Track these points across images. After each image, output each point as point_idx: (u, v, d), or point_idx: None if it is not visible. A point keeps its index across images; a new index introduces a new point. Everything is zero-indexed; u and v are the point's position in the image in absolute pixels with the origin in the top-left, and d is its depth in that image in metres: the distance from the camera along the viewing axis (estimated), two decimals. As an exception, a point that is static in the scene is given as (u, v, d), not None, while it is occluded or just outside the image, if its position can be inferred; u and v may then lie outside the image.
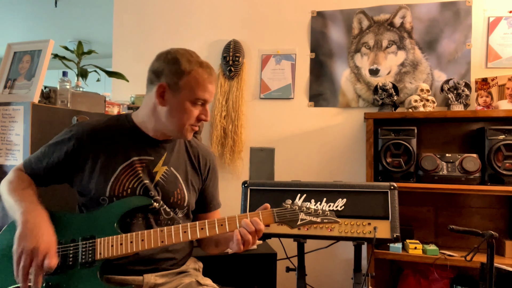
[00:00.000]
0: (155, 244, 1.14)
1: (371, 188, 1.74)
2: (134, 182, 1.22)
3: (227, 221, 1.16)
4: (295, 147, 2.62)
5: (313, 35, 2.62)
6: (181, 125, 1.23)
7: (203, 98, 1.22)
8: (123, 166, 1.23)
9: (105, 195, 1.20)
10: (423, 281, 2.17)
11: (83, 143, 1.23)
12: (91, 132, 1.25)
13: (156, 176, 1.26)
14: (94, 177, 1.22)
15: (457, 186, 2.05)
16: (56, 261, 1.07)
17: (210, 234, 1.15)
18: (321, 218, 1.19)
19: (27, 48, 2.00)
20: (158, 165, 1.27)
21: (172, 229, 1.15)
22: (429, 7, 2.42)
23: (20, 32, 4.93)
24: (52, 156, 1.24)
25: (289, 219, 1.17)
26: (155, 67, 1.23)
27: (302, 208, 1.19)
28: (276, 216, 1.17)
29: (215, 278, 1.40)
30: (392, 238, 1.67)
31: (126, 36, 3.02)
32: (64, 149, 1.23)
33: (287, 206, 1.19)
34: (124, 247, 1.13)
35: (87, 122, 1.29)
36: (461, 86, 2.22)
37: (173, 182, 1.28)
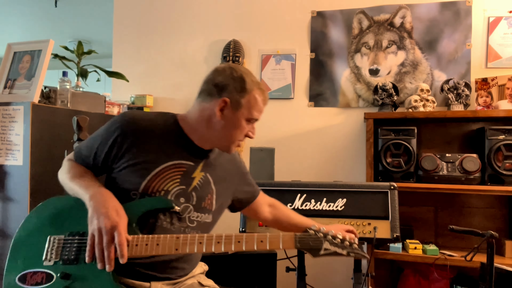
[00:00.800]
0: (169, 251, 1.12)
1: (371, 188, 1.74)
2: (170, 185, 1.21)
3: (244, 240, 1.14)
4: (295, 147, 2.62)
5: (313, 35, 2.62)
6: (232, 140, 1.26)
7: (257, 117, 1.28)
8: (163, 166, 1.21)
9: (138, 190, 1.18)
10: (423, 281, 2.17)
11: (127, 135, 1.21)
12: (137, 125, 1.23)
13: (194, 181, 1.25)
14: (132, 170, 1.20)
15: (457, 186, 2.05)
16: (125, 237, 1.07)
17: (225, 249, 1.13)
18: (348, 251, 1.11)
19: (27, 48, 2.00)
20: (196, 171, 1.27)
21: (188, 238, 1.13)
22: (429, 7, 2.42)
23: (20, 32, 4.93)
24: (99, 147, 1.23)
25: (311, 246, 1.11)
26: (218, 80, 1.24)
27: (328, 237, 1.12)
28: (297, 242, 1.12)
29: (215, 278, 1.40)
30: (392, 238, 1.67)
31: (126, 36, 3.03)
32: (110, 139, 1.22)
33: (311, 232, 1.13)
34: (139, 249, 1.11)
35: (133, 115, 1.26)
36: (461, 86, 2.22)
37: (207, 187, 1.28)
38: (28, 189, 1.82)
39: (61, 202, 1.23)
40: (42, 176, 1.87)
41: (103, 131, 1.24)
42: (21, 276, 1.13)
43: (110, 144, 1.21)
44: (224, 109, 1.22)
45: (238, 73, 1.24)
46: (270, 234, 1.12)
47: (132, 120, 1.23)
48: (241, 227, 1.75)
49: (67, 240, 1.16)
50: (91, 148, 1.25)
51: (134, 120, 1.23)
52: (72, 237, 1.16)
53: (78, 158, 1.28)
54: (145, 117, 1.27)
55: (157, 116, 1.29)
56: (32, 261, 1.15)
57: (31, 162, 1.83)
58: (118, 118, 1.24)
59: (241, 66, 1.30)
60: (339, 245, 1.11)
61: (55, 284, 1.11)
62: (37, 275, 1.12)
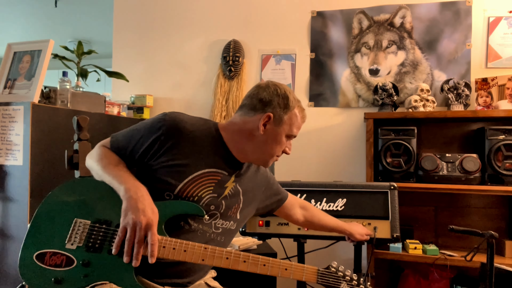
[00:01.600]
0: (195, 260, 1.12)
1: (371, 188, 1.74)
2: (203, 191, 1.22)
3: (270, 265, 1.18)
4: (295, 147, 2.61)
5: (313, 35, 2.62)
6: (270, 155, 1.29)
7: (296, 134, 1.32)
8: (200, 172, 1.22)
9: (173, 192, 1.18)
10: (423, 281, 2.17)
11: (171, 136, 1.21)
12: (181, 127, 1.22)
13: (226, 191, 1.27)
14: (170, 171, 1.20)
15: (457, 186, 2.05)
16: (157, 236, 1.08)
17: (249, 269, 1.16)
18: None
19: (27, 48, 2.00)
20: (229, 181, 1.28)
21: (215, 251, 1.13)
22: (429, 7, 2.42)
23: (20, 32, 4.93)
24: (139, 140, 1.22)
25: (331, 284, 1.19)
26: (262, 96, 1.27)
27: (346, 278, 1.19)
28: (318, 277, 1.19)
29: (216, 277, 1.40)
30: (392, 238, 1.67)
31: (126, 36, 3.03)
32: (153, 136, 1.21)
33: (333, 270, 1.20)
34: (166, 252, 1.11)
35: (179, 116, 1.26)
36: (461, 86, 2.22)
37: (236, 197, 1.30)
38: (28, 189, 1.82)
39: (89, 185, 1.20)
40: (42, 176, 1.87)
41: (147, 126, 1.23)
42: (40, 254, 1.10)
43: (152, 140, 1.20)
44: (267, 124, 1.25)
45: (282, 90, 1.29)
46: (294, 264, 1.19)
47: (177, 121, 1.23)
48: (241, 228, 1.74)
49: (93, 226, 1.13)
50: (131, 140, 1.24)
51: (179, 122, 1.23)
52: (100, 225, 1.13)
53: (113, 147, 1.26)
54: (189, 120, 1.26)
55: (199, 122, 1.29)
56: (54, 241, 1.11)
57: (31, 162, 1.83)
58: (164, 117, 1.23)
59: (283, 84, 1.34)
60: (355, 286, 1.19)
61: (75, 269, 1.09)
62: (57, 256, 1.10)
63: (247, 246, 1.99)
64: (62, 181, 1.28)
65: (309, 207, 1.61)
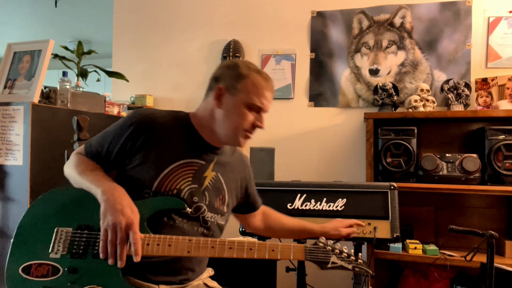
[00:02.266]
0: (180, 253, 1.11)
1: (371, 188, 1.74)
2: (182, 183, 1.21)
3: (257, 247, 1.14)
4: (295, 147, 2.62)
5: (313, 35, 2.62)
6: (235, 129, 1.24)
7: (259, 103, 1.24)
8: (175, 165, 1.21)
9: (150, 189, 1.18)
10: (423, 281, 2.17)
11: (141, 132, 1.21)
12: (151, 122, 1.23)
13: (205, 181, 1.25)
14: (144, 168, 1.20)
15: (457, 186, 2.05)
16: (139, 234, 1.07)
17: (237, 255, 1.13)
18: (353, 266, 1.15)
19: (27, 48, 2.00)
20: (208, 170, 1.26)
21: (200, 241, 1.12)
22: (429, 7, 2.42)
23: (20, 32, 4.93)
24: (112, 141, 1.22)
25: (320, 259, 1.15)
26: (215, 73, 1.29)
27: (335, 251, 1.16)
28: (307, 254, 1.15)
29: (215, 278, 1.40)
30: (392, 238, 1.67)
31: (126, 36, 3.03)
32: (124, 135, 1.21)
33: (321, 245, 1.16)
34: (150, 248, 1.11)
35: (148, 111, 1.27)
36: (461, 86, 2.22)
37: (219, 189, 1.28)
38: (28, 189, 1.82)
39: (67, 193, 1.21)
40: (42, 176, 1.87)
41: (117, 126, 1.23)
42: (25, 267, 1.11)
43: (124, 139, 1.20)
44: (221, 97, 1.24)
45: (232, 62, 1.28)
46: (281, 244, 1.15)
47: (147, 116, 1.24)
48: (241, 227, 1.75)
49: (75, 233, 1.14)
50: (103, 143, 1.24)
51: (149, 117, 1.24)
52: (81, 231, 1.14)
53: (88, 153, 1.26)
54: (159, 114, 1.27)
55: (169, 114, 1.30)
56: (37, 252, 1.12)
57: (31, 162, 1.83)
58: (134, 114, 1.24)
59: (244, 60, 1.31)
60: (345, 259, 1.15)
61: (62, 277, 1.09)
62: (42, 267, 1.10)
63: (247, 246, 1.98)
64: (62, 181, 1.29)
65: (269, 211, 1.55)
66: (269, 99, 1.27)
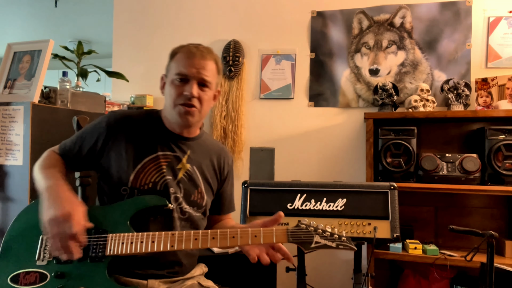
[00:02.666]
0: (164, 248, 1.13)
1: (371, 188, 1.74)
2: (156, 176, 1.23)
3: (239, 235, 1.13)
4: (295, 147, 2.62)
5: (313, 35, 2.62)
6: (171, 107, 1.25)
7: (183, 72, 1.22)
8: (148, 158, 1.24)
9: (127, 185, 1.21)
10: (423, 281, 2.17)
11: (113, 130, 1.25)
12: (123, 120, 1.28)
13: (180, 173, 1.27)
14: (118, 165, 1.23)
15: (457, 186, 2.05)
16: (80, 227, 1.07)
17: (220, 244, 1.14)
18: (337, 244, 1.13)
19: (27, 48, 2.00)
20: (182, 162, 1.28)
21: (183, 235, 1.14)
22: (429, 7, 2.42)
23: (20, 32, 4.93)
24: (85, 141, 1.27)
25: (303, 240, 1.13)
26: None
27: (318, 231, 1.14)
28: (289, 236, 1.13)
29: (215, 278, 1.40)
30: (392, 238, 1.67)
31: (126, 36, 3.03)
32: (96, 134, 1.26)
33: (303, 226, 1.14)
34: (134, 247, 1.13)
35: (120, 111, 1.33)
36: (461, 86, 2.22)
37: (195, 180, 1.29)
38: (28, 189, 1.81)
39: None
40: (42, 176, 1.86)
41: (91, 126, 1.29)
42: (14, 277, 1.13)
43: (96, 138, 1.25)
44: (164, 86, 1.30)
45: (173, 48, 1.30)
46: (263, 229, 1.13)
47: (117, 116, 1.28)
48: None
49: None
50: (76, 141, 1.28)
51: (119, 117, 1.28)
52: None
53: (61, 150, 1.31)
54: (129, 114, 1.32)
55: (141, 113, 1.34)
56: (24, 261, 1.14)
57: (31, 162, 1.83)
58: (106, 115, 1.30)
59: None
60: (329, 238, 1.13)
61: (50, 283, 1.11)
62: (30, 275, 1.12)
63: (247, 246, 1.98)
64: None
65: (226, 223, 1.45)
66: (197, 66, 1.22)
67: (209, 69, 1.24)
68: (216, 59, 1.28)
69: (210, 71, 1.24)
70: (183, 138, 1.30)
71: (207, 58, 1.24)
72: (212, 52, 1.28)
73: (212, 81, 1.25)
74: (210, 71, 1.25)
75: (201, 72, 1.23)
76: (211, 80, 1.25)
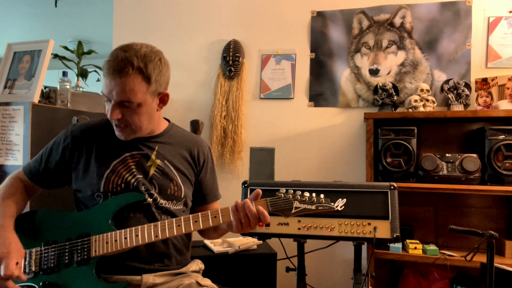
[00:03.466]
0: (149, 239, 1.14)
1: (371, 188, 1.74)
2: (127, 177, 1.24)
3: (220, 213, 1.16)
4: (295, 147, 2.62)
5: (313, 35, 2.62)
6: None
7: (104, 93, 1.17)
8: (116, 162, 1.25)
9: (99, 191, 1.23)
10: (423, 281, 2.17)
11: (77, 141, 1.27)
12: (85, 130, 1.29)
13: (150, 170, 1.27)
14: (88, 173, 1.25)
15: (457, 186, 2.05)
16: (9, 272, 1.08)
17: (203, 226, 1.15)
18: (316, 206, 1.15)
19: (27, 48, 2.00)
20: (151, 159, 1.28)
21: (166, 223, 1.15)
22: (429, 7, 2.42)
23: (20, 32, 4.92)
24: (50, 157, 1.29)
25: (283, 207, 1.15)
26: None
27: (296, 196, 1.16)
28: (269, 205, 1.15)
29: (215, 278, 1.40)
30: (392, 238, 1.67)
31: (126, 36, 3.02)
32: (61, 148, 1.28)
33: (281, 195, 1.16)
34: (119, 243, 1.14)
35: (82, 122, 1.34)
36: (461, 86, 2.22)
37: (168, 174, 1.29)
38: (28, 189, 1.81)
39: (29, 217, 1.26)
40: (42, 176, 1.86)
41: (55, 142, 1.31)
42: None
43: (61, 151, 1.27)
44: None
45: None
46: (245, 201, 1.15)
47: (79, 127, 1.30)
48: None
49: (43, 250, 1.19)
50: (41, 159, 1.30)
51: (81, 126, 1.30)
52: (48, 246, 1.19)
53: (26, 172, 1.32)
54: (92, 123, 1.33)
55: (104, 119, 1.33)
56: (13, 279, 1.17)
57: (31, 162, 1.83)
58: (68, 128, 1.31)
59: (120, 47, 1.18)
60: (307, 201, 1.15)
61: None
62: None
63: (247, 246, 1.99)
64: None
65: None
66: (113, 86, 1.13)
67: (127, 88, 1.13)
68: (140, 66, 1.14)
69: (128, 88, 1.13)
70: (148, 137, 1.30)
71: (123, 74, 1.12)
72: (131, 61, 1.13)
73: (133, 98, 1.14)
74: (129, 88, 1.13)
75: (118, 93, 1.14)
76: (131, 97, 1.14)
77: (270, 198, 1.16)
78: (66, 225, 1.21)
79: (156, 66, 1.18)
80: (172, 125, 1.41)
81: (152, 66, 1.17)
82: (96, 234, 1.16)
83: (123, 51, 1.15)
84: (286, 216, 1.15)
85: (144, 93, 1.16)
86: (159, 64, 1.19)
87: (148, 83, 1.16)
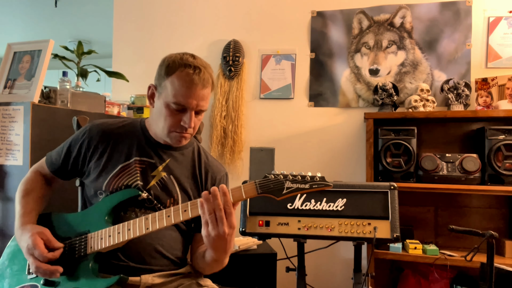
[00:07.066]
0: (140, 232, 1.13)
1: (371, 188, 1.74)
2: (129, 180, 1.24)
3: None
4: (295, 147, 2.62)
5: (313, 35, 2.62)
6: (163, 129, 1.23)
7: (182, 103, 1.17)
8: (123, 164, 1.26)
9: (101, 189, 1.25)
10: (423, 281, 2.17)
11: (93, 139, 1.29)
12: (103, 130, 1.30)
13: (152, 180, 1.26)
14: (96, 171, 1.27)
15: (457, 186, 2.05)
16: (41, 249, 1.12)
17: (192, 215, 1.10)
18: (310, 184, 1.07)
19: (27, 48, 2.00)
20: (157, 169, 1.27)
21: (156, 215, 1.14)
22: (429, 7, 2.42)
23: (20, 32, 4.93)
24: (68, 150, 1.31)
25: (273, 189, 1.06)
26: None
27: (288, 176, 1.07)
28: (258, 187, 1.06)
29: (215, 278, 1.40)
30: (392, 238, 1.67)
31: (126, 36, 3.02)
32: (79, 143, 1.30)
33: (271, 176, 1.08)
34: (112, 238, 1.15)
35: (102, 121, 1.34)
36: (461, 86, 2.22)
37: (169, 189, 1.26)
38: (28, 189, 1.81)
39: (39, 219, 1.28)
40: (42, 176, 1.86)
41: (74, 137, 1.33)
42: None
43: (79, 147, 1.29)
44: (152, 97, 1.26)
45: (166, 57, 1.24)
46: (232, 188, 1.09)
47: (98, 125, 1.31)
48: (241, 227, 1.75)
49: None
50: (61, 152, 1.33)
51: (100, 126, 1.31)
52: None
53: (47, 162, 1.36)
54: (111, 122, 1.34)
55: (125, 121, 1.35)
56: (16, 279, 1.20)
57: (31, 162, 1.83)
58: (88, 124, 1.33)
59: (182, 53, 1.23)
60: (300, 181, 1.08)
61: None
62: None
63: (247, 246, 1.99)
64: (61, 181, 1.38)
65: None
66: (197, 97, 1.17)
67: (207, 97, 1.20)
68: (212, 77, 1.22)
69: (207, 98, 1.21)
70: (165, 146, 1.29)
71: (206, 86, 1.18)
72: (210, 73, 1.21)
73: (207, 106, 1.23)
74: (208, 98, 1.21)
75: (200, 103, 1.19)
76: (207, 105, 1.23)
77: (259, 180, 1.07)
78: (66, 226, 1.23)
79: None
80: (195, 143, 1.39)
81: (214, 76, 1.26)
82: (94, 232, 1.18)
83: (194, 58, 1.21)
84: (277, 197, 1.06)
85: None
86: None
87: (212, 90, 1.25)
